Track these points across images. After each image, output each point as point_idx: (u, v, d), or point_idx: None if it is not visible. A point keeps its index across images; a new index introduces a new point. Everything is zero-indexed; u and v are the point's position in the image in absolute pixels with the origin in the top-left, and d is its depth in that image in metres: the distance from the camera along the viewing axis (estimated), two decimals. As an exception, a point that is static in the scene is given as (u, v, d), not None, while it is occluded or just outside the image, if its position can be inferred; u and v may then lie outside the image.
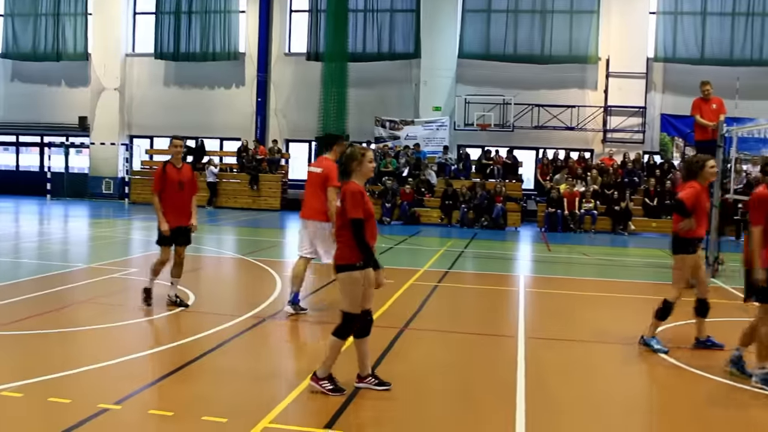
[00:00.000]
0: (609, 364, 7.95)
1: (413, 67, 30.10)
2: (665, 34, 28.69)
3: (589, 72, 29.20)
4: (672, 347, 8.34)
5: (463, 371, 7.37)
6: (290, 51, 31.85)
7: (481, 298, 11.83)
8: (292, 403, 6.06)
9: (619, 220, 24.51)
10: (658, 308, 8.38)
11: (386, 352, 7.71)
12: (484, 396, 6.50)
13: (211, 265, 14.55)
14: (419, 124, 29.37)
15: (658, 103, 28.91)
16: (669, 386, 7.20)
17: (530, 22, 29.46)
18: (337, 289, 6.42)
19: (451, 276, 13.42)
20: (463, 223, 24.58)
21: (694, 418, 6.25)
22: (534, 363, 7.55)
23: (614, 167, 26.99)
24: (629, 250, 20.37)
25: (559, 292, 12.09)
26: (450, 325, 9.62)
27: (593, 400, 6.66)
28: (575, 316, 10.43)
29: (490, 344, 8.54)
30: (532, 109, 28.57)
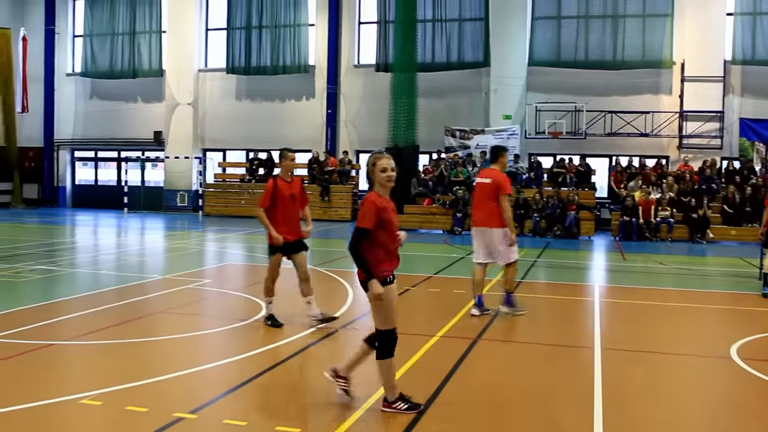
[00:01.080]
0: (690, 378, 7.68)
1: (483, 75, 29.94)
2: (743, 35, 27.86)
3: (664, 77, 28.55)
4: (760, 360, 8.02)
5: (538, 383, 7.19)
6: (359, 63, 32.03)
7: (555, 308, 11.61)
8: (365, 414, 5.99)
9: (697, 229, 23.84)
10: None
11: (459, 364, 7.60)
12: (561, 408, 6.32)
13: (285, 277, 14.58)
14: (489, 133, 29.13)
15: (737, 107, 28.06)
16: (757, 402, 6.87)
17: (601, 27, 29.00)
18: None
19: (524, 286, 13.20)
20: (536, 233, 24.26)
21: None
22: (612, 376, 7.33)
23: (691, 174, 26.27)
24: (707, 259, 19.78)
25: (635, 302, 11.77)
26: (523, 336, 9.45)
27: (673, 413, 6.41)
28: (652, 327, 10.13)
29: (566, 355, 8.34)
30: (605, 115, 28.08)
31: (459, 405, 6.32)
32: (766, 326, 10.10)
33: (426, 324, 9.68)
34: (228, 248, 19.29)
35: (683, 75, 27.98)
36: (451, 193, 26.24)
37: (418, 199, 27.31)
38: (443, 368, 7.34)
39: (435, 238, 23.16)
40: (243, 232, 23.29)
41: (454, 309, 10.46)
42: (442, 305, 11.15)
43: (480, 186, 10.32)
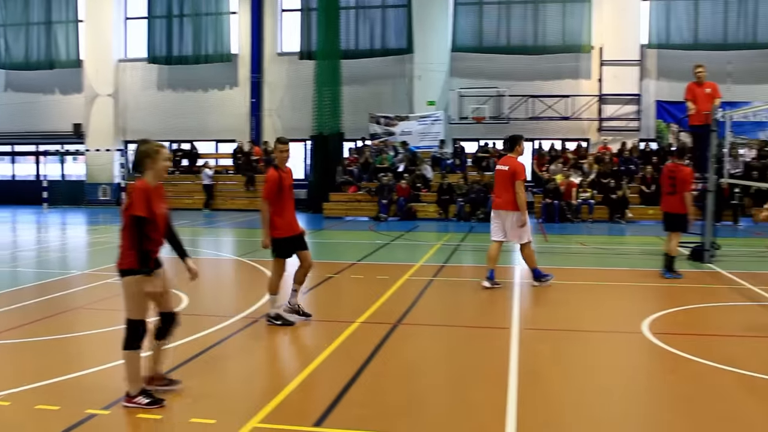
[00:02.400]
0: (605, 354, 7.89)
1: (406, 62, 30.08)
2: (658, 20, 28.64)
3: (583, 61, 29.16)
4: (670, 334, 8.30)
5: (455, 365, 7.32)
6: (283, 51, 31.85)
7: (476, 292, 11.76)
8: (283, 402, 6.00)
9: (616, 209, 24.45)
10: None
11: (378, 349, 7.66)
12: (476, 389, 6.43)
13: (207, 268, 14.50)
14: (414, 119, 29.34)
15: (653, 89, 28.86)
16: (668, 375, 7.11)
17: (523, 12, 29.44)
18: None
19: (446, 270, 13.38)
20: (460, 217, 24.53)
21: (693, 409, 6.19)
22: (527, 354, 7.51)
23: (610, 156, 26.92)
24: (626, 238, 20.32)
25: (555, 283, 11.99)
26: (443, 319, 9.58)
27: (587, 390, 6.60)
28: (572, 306, 10.38)
29: (484, 337, 8.49)
30: (527, 100, 28.54)
31: (375, 390, 6.38)
32: (677, 301, 10.45)
33: (347, 310, 9.72)
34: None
35: (602, 59, 28.67)
36: (376, 180, 26.31)
37: (343, 187, 27.31)
38: (362, 354, 7.39)
39: (361, 226, 23.23)
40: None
41: (375, 295, 10.52)
42: (364, 292, 11.19)
43: (499, 173, 11.36)
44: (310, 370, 6.94)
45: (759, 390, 6.52)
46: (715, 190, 14.67)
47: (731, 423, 5.68)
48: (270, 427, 5.47)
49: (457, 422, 5.64)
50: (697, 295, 11.03)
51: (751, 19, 28.18)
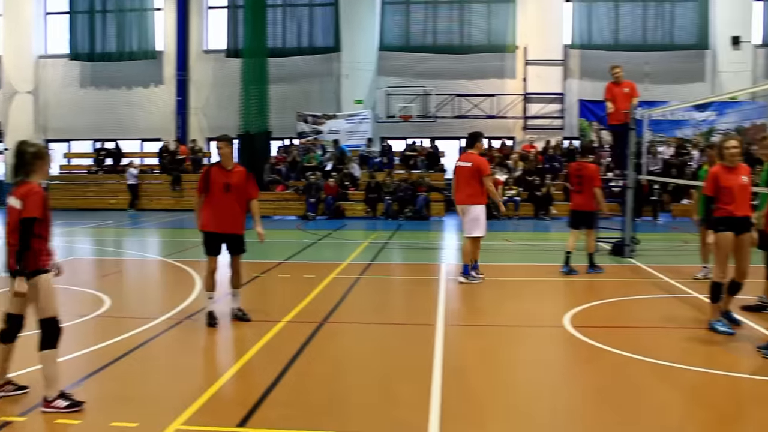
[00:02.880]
0: (527, 348, 8.06)
1: (334, 60, 30.10)
2: (580, 21, 29.30)
3: (508, 61, 29.62)
4: (590, 327, 8.50)
5: (380, 362, 7.38)
6: (209, 48, 31.50)
7: (403, 289, 11.88)
8: (206, 403, 5.96)
9: (541, 206, 24.91)
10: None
11: (303, 348, 7.66)
12: (400, 386, 6.49)
13: (132, 269, 14.30)
14: (342, 117, 29.38)
15: (576, 89, 29.50)
16: (587, 367, 7.30)
17: (449, 12, 29.74)
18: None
19: (373, 268, 13.45)
20: (388, 215, 24.65)
21: (610, 398, 6.36)
22: (451, 350, 7.61)
23: (535, 154, 27.42)
24: (551, 234, 20.72)
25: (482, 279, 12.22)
26: (370, 316, 9.63)
27: (508, 383, 6.74)
28: (496, 302, 10.56)
29: (409, 334, 8.57)
30: (453, 99, 28.84)
31: (300, 389, 6.39)
32: (598, 295, 10.73)
33: (273, 310, 9.69)
34: (75, 242, 18.55)
35: (526, 59, 29.15)
36: (303, 178, 26.24)
37: (271, 186, 27.15)
38: (287, 353, 7.38)
39: (288, 225, 23.14)
40: (91, 225, 22.47)
41: (302, 294, 10.51)
42: (290, 291, 11.18)
43: (461, 169, 11.68)
44: (234, 370, 6.91)
45: (672, 379, 6.75)
46: (634, 186, 15.07)
47: (646, 411, 5.86)
48: (193, 429, 5.43)
49: (380, 418, 5.70)
50: (617, 289, 11.36)
51: (668, 21, 29.09)
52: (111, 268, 13.89)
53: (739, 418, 5.90)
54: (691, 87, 28.60)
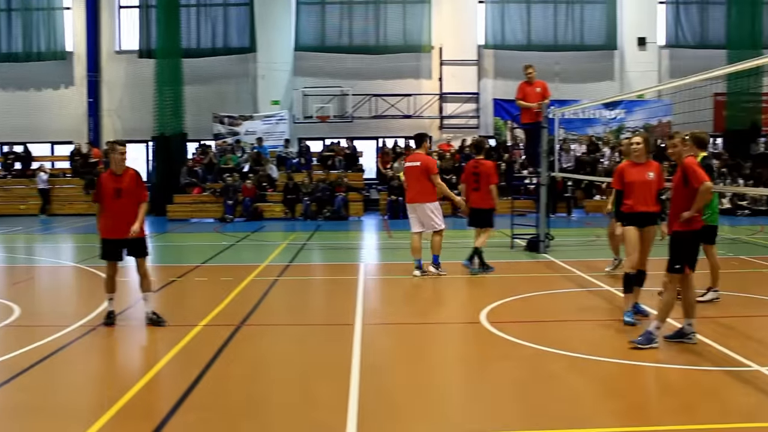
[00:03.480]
0: (445, 345, 8.18)
1: (250, 61, 29.83)
2: (494, 22, 29.81)
3: (424, 61, 29.91)
4: (506, 323, 8.67)
5: (299, 363, 7.36)
6: (121, 49, 30.77)
7: (321, 289, 11.89)
8: (122, 410, 5.83)
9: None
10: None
11: (220, 351, 7.59)
12: (318, 386, 6.50)
13: (44, 276, 13.91)
14: (258, 118, 29.14)
15: (490, 88, 30.00)
16: (504, 361, 7.43)
17: (364, 13, 29.83)
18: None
19: (292, 269, 13.41)
20: (307, 216, 24.57)
21: (527, 391, 6.51)
22: (369, 349, 7.66)
23: (452, 152, 27.76)
24: (467, 231, 20.92)
25: (400, 278, 12.32)
26: (288, 318, 9.61)
27: (426, 380, 6.80)
28: (414, 300, 10.68)
29: (328, 334, 8.58)
30: (370, 99, 28.96)
31: (217, 392, 6.33)
32: (513, 291, 10.91)
33: (190, 313, 9.54)
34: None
35: (441, 59, 29.48)
36: (221, 180, 25.95)
37: (187, 189, 26.72)
38: (204, 357, 7.30)
39: (206, 227, 22.86)
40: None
41: (219, 297, 10.39)
42: (208, 294, 11.05)
43: (411, 169, 12.32)
44: (150, 375, 6.80)
45: (586, 370, 6.94)
46: (548, 183, 15.41)
47: (562, 402, 6.02)
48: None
49: (299, 419, 5.70)
50: (532, 284, 11.57)
51: (578, 23, 29.94)
52: (21, 276, 13.48)
53: (647, 407, 6.11)
54: (600, 86, 29.47)
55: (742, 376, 6.62)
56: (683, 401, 6.11)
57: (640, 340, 7.53)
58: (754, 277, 12.36)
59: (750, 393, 6.20)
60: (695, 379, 6.69)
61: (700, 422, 5.61)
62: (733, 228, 20.67)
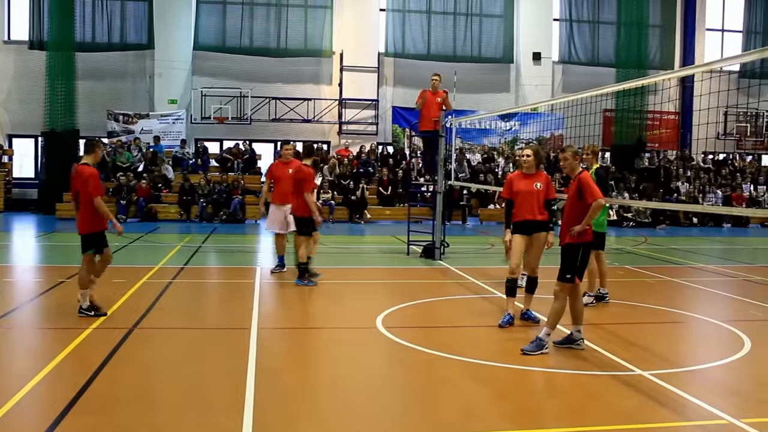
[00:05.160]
0: (341, 349, 8.20)
1: (147, 58, 29.17)
2: (394, 30, 30.15)
3: (324, 66, 29.96)
4: (401, 328, 8.79)
5: (193, 367, 7.25)
6: (10, 38, 29.50)
7: (216, 293, 11.75)
8: (4, 417, 5.62)
9: (356, 209, 25.36)
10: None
11: (112, 355, 7.42)
12: (213, 390, 6.43)
13: None
14: (155, 117, 28.53)
15: (390, 96, 30.33)
16: (399, 366, 7.54)
17: (266, 15, 29.64)
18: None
19: (186, 272, 13.21)
20: (202, 218, 24.23)
21: (422, 395, 6.62)
22: (265, 353, 7.62)
23: (350, 158, 27.89)
24: (365, 237, 21.15)
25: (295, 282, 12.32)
26: (182, 321, 9.46)
27: (322, 385, 6.83)
28: (311, 305, 10.68)
29: (223, 337, 8.50)
30: (269, 101, 28.82)
31: (108, 397, 6.18)
32: (409, 297, 11.05)
33: (78, 317, 9.27)
34: None
35: (342, 65, 29.57)
36: (114, 179, 25.28)
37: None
38: (94, 361, 7.12)
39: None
40: None
41: (111, 299, 10.14)
42: (98, 296, 10.70)
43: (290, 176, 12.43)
44: (36, 381, 6.55)
45: (478, 375, 7.10)
46: (444, 191, 15.68)
47: (455, 405, 6.15)
48: (-10, 444, 5.16)
49: (193, 424, 5.63)
50: (427, 291, 11.78)
51: (477, 35, 30.67)
52: None
53: (536, 410, 6.31)
54: (497, 97, 30.32)
55: (626, 380, 6.94)
56: (570, 404, 6.36)
57: (530, 347, 7.78)
58: (639, 286, 12.90)
59: (632, 396, 6.50)
60: (582, 383, 6.96)
61: (585, 424, 5.83)
62: (619, 239, 21.53)
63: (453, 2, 30.53)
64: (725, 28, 33.86)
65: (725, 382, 7.20)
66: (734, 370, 7.49)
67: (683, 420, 5.97)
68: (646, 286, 12.91)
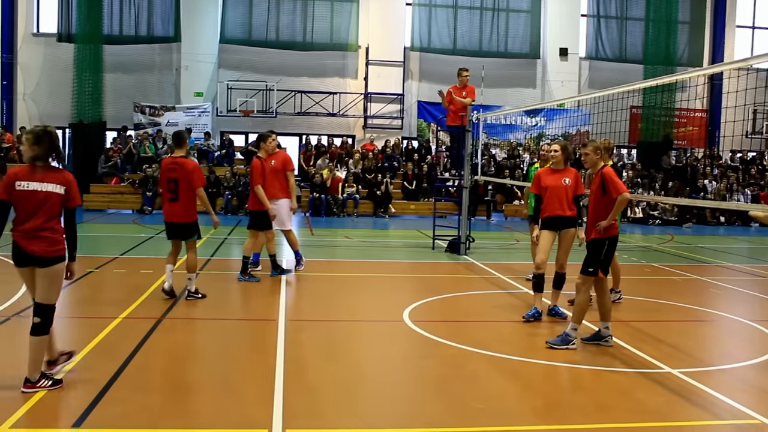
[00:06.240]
0: (368, 342, 8.22)
1: (174, 51, 29.31)
2: (420, 25, 30.05)
3: (350, 60, 29.95)
4: (428, 322, 8.78)
5: (222, 358, 7.29)
6: (39, 31, 29.77)
7: (244, 284, 11.78)
8: (38, 404, 5.68)
9: (380, 204, 25.37)
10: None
11: (142, 344, 7.47)
12: (243, 382, 6.45)
13: None
14: (181, 110, 28.66)
15: (415, 90, 30.27)
16: (427, 360, 7.53)
17: (292, 8, 29.66)
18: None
19: (212, 263, 13.27)
20: (227, 210, 24.33)
21: (449, 389, 6.61)
22: (293, 345, 7.64)
23: (375, 152, 27.89)
24: (389, 231, 21.14)
25: (321, 275, 12.33)
26: (210, 312, 9.49)
27: (351, 377, 6.82)
28: (336, 298, 10.69)
29: (251, 329, 8.56)
30: (295, 95, 28.86)
31: (139, 386, 6.23)
32: (435, 291, 11.07)
33: (109, 306, 9.33)
34: None
35: (368, 59, 29.54)
36: (140, 171, 25.46)
37: (105, 178, 26.16)
38: (124, 350, 7.17)
39: (124, 218, 22.41)
40: None
41: (140, 289, 10.23)
42: (127, 286, 10.83)
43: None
44: (68, 369, 6.62)
45: (505, 369, 7.10)
46: (470, 186, 15.64)
47: (482, 400, 6.14)
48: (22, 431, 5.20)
49: (223, 414, 5.65)
50: (453, 285, 11.76)
51: (504, 30, 30.51)
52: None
53: (563, 405, 6.28)
54: (523, 93, 30.18)
55: (655, 377, 6.89)
56: (598, 400, 6.32)
57: (556, 341, 7.75)
58: (665, 284, 12.81)
59: (662, 393, 6.45)
60: (610, 379, 6.92)
61: (614, 421, 5.80)
62: (645, 237, 21.38)
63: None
64: (756, 25, 33.45)
65: (756, 381, 7.13)
66: (765, 370, 7.41)
67: (715, 419, 5.93)
68: (673, 284, 12.81)
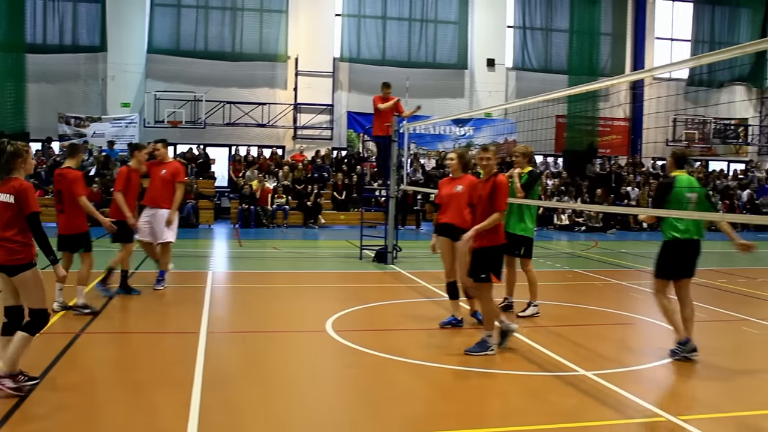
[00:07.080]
0: (290, 353, 8.23)
1: (100, 61, 28.82)
2: (350, 35, 30.24)
3: (279, 70, 29.92)
4: (351, 331, 8.85)
5: (140, 372, 7.21)
6: (-42, 39, 29.01)
7: (167, 297, 11.68)
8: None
9: (310, 214, 25.37)
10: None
11: (57, 360, 7.36)
12: (159, 395, 6.41)
13: None
14: (107, 120, 28.19)
15: (345, 101, 30.41)
16: (348, 369, 7.60)
17: (221, 18, 29.52)
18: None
19: (137, 277, 13.10)
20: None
21: (370, 397, 6.69)
22: (213, 357, 7.62)
23: (305, 163, 27.91)
24: (319, 242, 21.17)
25: (248, 286, 12.32)
26: (130, 326, 9.42)
27: (271, 388, 6.84)
28: (262, 309, 10.68)
29: (171, 342, 8.48)
30: (224, 106, 28.68)
31: (54, 402, 6.15)
32: (360, 300, 11.14)
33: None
34: None
35: (297, 69, 29.55)
36: (65, 183, 24.92)
37: (28, 190, 25.53)
38: (39, 366, 7.05)
39: (48, 231, 21.85)
40: None
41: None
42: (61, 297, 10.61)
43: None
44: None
45: (422, 375, 7.22)
46: (397, 196, 15.79)
47: (401, 406, 6.26)
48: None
49: (138, 428, 5.63)
50: (378, 294, 11.86)
51: (432, 41, 30.90)
52: None
53: (479, 410, 6.42)
54: (451, 103, 30.55)
55: (569, 380, 7.09)
56: (511, 404, 6.49)
57: (474, 348, 7.89)
58: (587, 289, 13.13)
59: (574, 395, 6.64)
60: (525, 383, 7.08)
61: (526, 424, 5.95)
62: (570, 243, 21.86)
63: (408, 8, 30.74)
64: (674, 37, 34.56)
65: (665, 380, 7.41)
66: (675, 369, 7.68)
67: (625, 418, 6.13)
68: (593, 289, 13.14)
